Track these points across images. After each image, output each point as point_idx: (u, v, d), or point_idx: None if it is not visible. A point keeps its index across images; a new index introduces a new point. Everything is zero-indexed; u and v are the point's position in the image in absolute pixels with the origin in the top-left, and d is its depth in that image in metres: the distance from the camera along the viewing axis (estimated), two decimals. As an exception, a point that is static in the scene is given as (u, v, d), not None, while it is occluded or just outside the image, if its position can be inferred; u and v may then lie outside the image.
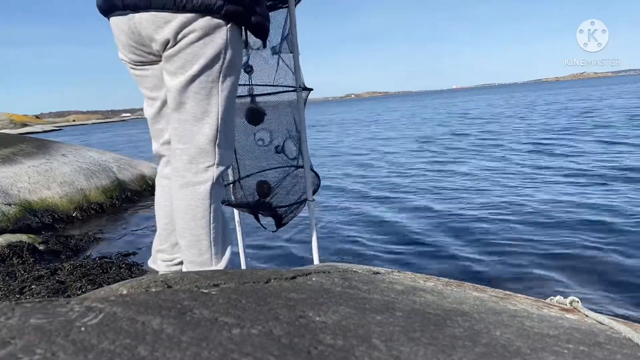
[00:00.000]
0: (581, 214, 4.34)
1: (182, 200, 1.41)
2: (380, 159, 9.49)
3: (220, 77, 1.36)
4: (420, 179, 6.82)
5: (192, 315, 0.71)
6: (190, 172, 1.39)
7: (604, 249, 3.44)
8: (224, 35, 1.33)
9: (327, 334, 0.71)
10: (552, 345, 0.79)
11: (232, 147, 1.50)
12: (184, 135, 1.39)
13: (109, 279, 3.02)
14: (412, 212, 4.93)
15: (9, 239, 3.86)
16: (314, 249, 1.99)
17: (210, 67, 1.34)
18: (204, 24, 1.31)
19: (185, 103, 1.36)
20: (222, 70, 1.36)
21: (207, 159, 1.39)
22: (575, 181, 5.75)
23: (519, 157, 8.09)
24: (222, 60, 1.35)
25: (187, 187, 1.39)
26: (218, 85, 1.36)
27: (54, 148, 6.81)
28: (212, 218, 1.41)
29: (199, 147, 1.38)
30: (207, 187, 1.39)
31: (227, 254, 1.48)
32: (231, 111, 1.43)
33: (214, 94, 1.36)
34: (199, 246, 1.42)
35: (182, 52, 1.33)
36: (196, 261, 1.43)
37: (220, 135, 1.39)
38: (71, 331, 0.59)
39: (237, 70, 1.43)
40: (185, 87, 1.35)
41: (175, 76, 1.36)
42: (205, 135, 1.37)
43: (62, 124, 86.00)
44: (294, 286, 1.00)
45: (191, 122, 1.37)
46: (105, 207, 5.79)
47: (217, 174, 1.40)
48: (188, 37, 1.31)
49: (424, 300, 1.02)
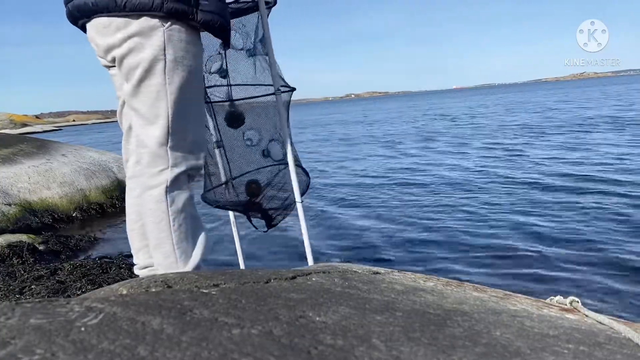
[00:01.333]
0: (581, 214, 4.34)
1: (144, 204, 1.41)
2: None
3: (166, 79, 1.34)
4: (420, 179, 6.82)
5: (192, 315, 0.71)
6: (145, 176, 1.39)
7: (604, 249, 3.45)
8: (160, 37, 1.32)
9: (327, 334, 0.71)
10: (552, 345, 0.79)
11: (197, 149, 1.46)
12: (140, 140, 1.40)
13: (109, 279, 3.02)
14: (413, 212, 4.93)
15: (9, 239, 3.86)
16: (307, 250, 1.97)
17: (151, 70, 1.33)
18: (139, 27, 1.31)
19: (138, 108, 1.37)
20: (165, 71, 1.34)
21: (159, 162, 1.38)
22: (575, 180, 5.76)
23: (505, 160, 8.09)
24: (163, 62, 1.33)
25: (145, 191, 1.40)
26: (165, 87, 1.34)
27: (54, 148, 6.81)
28: (173, 220, 1.39)
29: (151, 150, 1.37)
30: (162, 190, 1.37)
31: (196, 256, 1.46)
32: (188, 112, 1.41)
33: (162, 97, 1.35)
34: (162, 249, 1.41)
35: (125, 58, 1.34)
36: (162, 264, 1.43)
37: (172, 137, 1.37)
38: (71, 331, 0.59)
39: (188, 69, 1.39)
40: (134, 93, 1.36)
41: (126, 82, 1.38)
42: (155, 138, 1.36)
43: (62, 124, 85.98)
44: (294, 286, 1.00)
45: (144, 126, 1.38)
46: (105, 207, 5.79)
47: (172, 177, 1.38)
48: (126, 42, 1.32)
49: (424, 300, 1.02)
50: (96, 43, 1.40)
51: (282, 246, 3.94)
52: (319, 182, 7.05)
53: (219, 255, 3.69)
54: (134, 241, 1.59)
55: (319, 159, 10.14)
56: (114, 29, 1.33)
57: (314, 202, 5.74)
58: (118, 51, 1.35)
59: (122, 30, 1.32)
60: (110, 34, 1.34)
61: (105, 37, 1.36)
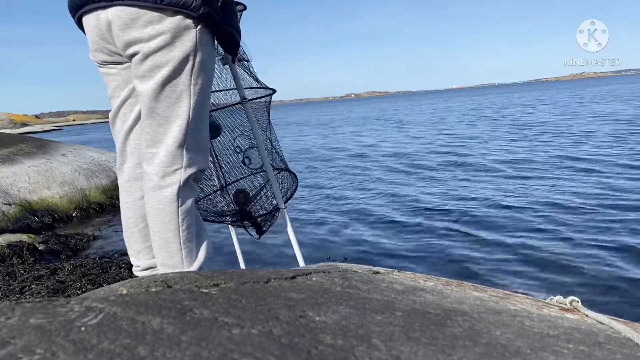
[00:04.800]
0: (580, 214, 4.34)
1: (151, 204, 1.40)
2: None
3: (192, 80, 1.33)
4: (419, 180, 6.82)
5: (192, 315, 0.71)
6: (158, 176, 1.38)
7: (604, 248, 3.45)
8: (193, 38, 1.30)
9: (327, 334, 0.71)
10: (552, 345, 0.79)
11: (205, 151, 1.46)
12: (154, 139, 1.38)
13: (109, 278, 3.02)
14: (413, 212, 4.93)
15: (9, 238, 3.86)
16: (297, 255, 1.96)
17: (179, 70, 1.31)
18: (172, 25, 1.27)
19: (157, 108, 1.34)
20: (192, 73, 1.33)
21: (174, 162, 1.37)
22: (574, 181, 5.75)
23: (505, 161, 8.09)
24: (191, 63, 1.32)
25: (155, 190, 1.39)
26: (190, 88, 1.34)
27: (54, 148, 6.81)
28: (182, 221, 1.40)
29: (167, 150, 1.36)
30: (174, 190, 1.37)
31: (201, 256, 1.46)
32: (203, 115, 1.41)
33: (185, 98, 1.34)
34: (168, 249, 1.41)
35: (150, 55, 1.29)
36: (167, 264, 1.43)
37: (188, 138, 1.37)
38: (71, 331, 0.59)
39: (209, 73, 1.39)
40: (156, 92, 1.32)
41: (145, 80, 1.32)
42: (173, 138, 1.35)
43: (62, 124, 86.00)
44: (294, 286, 1.00)
45: (161, 125, 1.36)
46: (105, 207, 5.80)
47: (185, 177, 1.38)
48: (156, 39, 1.27)
49: (424, 300, 1.02)
50: (115, 34, 1.31)
51: (281, 246, 3.94)
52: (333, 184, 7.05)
53: (219, 255, 3.69)
54: (134, 243, 1.59)
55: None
56: (145, 23, 1.26)
57: (314, 202, 5.74)
58: (145, 46, 1.28)
59: (153, 25, 1.26)
60: (138, 28, 1.27)
61: (130, 30, 1.28)
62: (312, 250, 3.83)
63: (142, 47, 1.29)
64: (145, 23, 1.26)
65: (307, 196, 6.09)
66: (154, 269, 1.54)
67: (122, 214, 1.59)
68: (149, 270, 1.58)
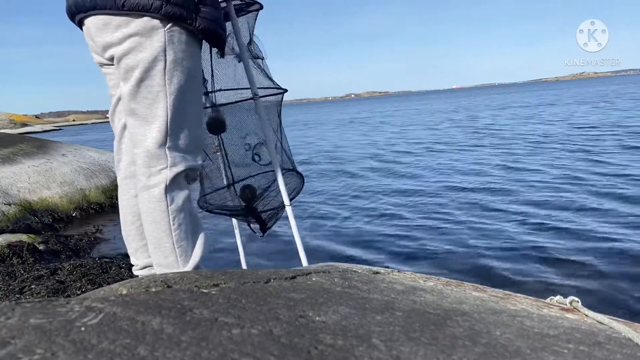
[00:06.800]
0: (580, 214, 4.34)
1: (142, 203, 1.42)
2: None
3: (166, 80, 1.34)
4: (418, 180, 6.83)
5: (192, 315, 0.71)
6: (145, 176, 1.39)
7: (605, 248, 3.45)
8: (161, 38, 1.32)
9: (327, 334, 0.71)
10: (552, 345, 0.79)
11: (195, 149, 1.46)
12: (137, 140, 1.40)
13: (109, 279, 3.01)
14: (413, 212, 4.93)
15: (9, 238, 3.86)
16: (300, 252, 1.96)
17: (151, 70, 1.33)
18: (139, 27, 1.30)
19: (136, 109, 1.37)
20: (165, 72, 1.34)
21: (158, 162, 1.38)
22: (573, 182, 5.75)
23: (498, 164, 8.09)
24: (162, 63, 1.33)
25: (144, 191, 1.40)
26: (165, 88, 1.35)
27: (54, 148, 6.81)
28: (173, 219, 1.40)
29: (149, 150, 1.38)
30: (161, 189, 1.38)
31: (196, 255, 1.46)
32: (188, 113, 1.41)
33: (161, 98, 1.35)
34: (162, 249, 1.42)
35: (124, 57, 1.33)
36: (162, 263, 1.43)
37: (170, 138, 1.38)
38: (71, 331, 0.59)
39: (187, 71, 1.39)
40: (133, 93, 1.35)
41: (124, 82, 1.37)
42: (153, 138, 1.37)
43: (62, 124, 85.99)
44: (294, 286, 1.00)
45: (141, 126, 1.38)
46: (105, 207, 5.79)
47: (172, 176, 1.39)
48: (126, 42, 1.32)
49: (424, 300, 1.02)
50: (94, 40, 1.40)
51: (282, 246, 3.94)
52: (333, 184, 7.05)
53: (219, 255, 3.69)
54: (132, 242, 1.59)
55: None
56: (114, 27, 1.32)
57: (315, 203, 5.74)
58: (117, 49, 1.34)
59: (122, 29, 1.31)
60: (109, 32, 1.33)
61: (104, 35, 1.35)
62: (312, 250, 3.83)
63: (115, 51, 1.35)
64: (114, 28, 1.32)
65: (306, 196, 6.09)
66: (151, 268, 1.54)
67: (120, 212, 1.60)
68: (146, 268, 1.58)
